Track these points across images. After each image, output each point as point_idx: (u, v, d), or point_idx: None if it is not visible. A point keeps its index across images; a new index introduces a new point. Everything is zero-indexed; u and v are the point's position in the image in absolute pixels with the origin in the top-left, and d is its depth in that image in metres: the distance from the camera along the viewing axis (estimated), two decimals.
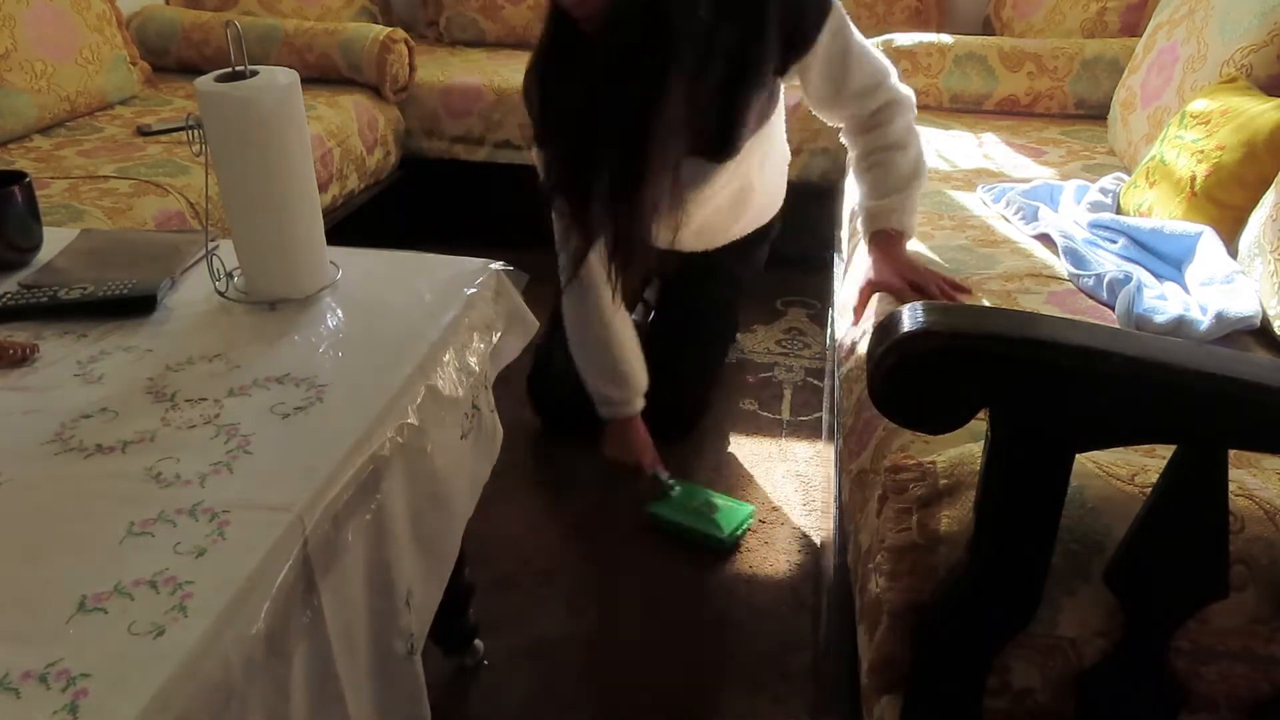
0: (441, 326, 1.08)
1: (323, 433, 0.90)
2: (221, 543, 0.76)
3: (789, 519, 1.88)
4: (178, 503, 0.80)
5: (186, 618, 0.68)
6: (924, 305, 0.69)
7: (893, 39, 2.66)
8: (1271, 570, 0.81)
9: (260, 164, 1.09)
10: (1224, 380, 0.66)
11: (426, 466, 0.99)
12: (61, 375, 1.00)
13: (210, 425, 0.91)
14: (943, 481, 0.89)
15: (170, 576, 0.72)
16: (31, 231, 1.27)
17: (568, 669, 1.53)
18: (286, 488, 0.81)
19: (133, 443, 0.88)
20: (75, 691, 0.62)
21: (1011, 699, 0.85)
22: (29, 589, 0.71)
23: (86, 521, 0.78)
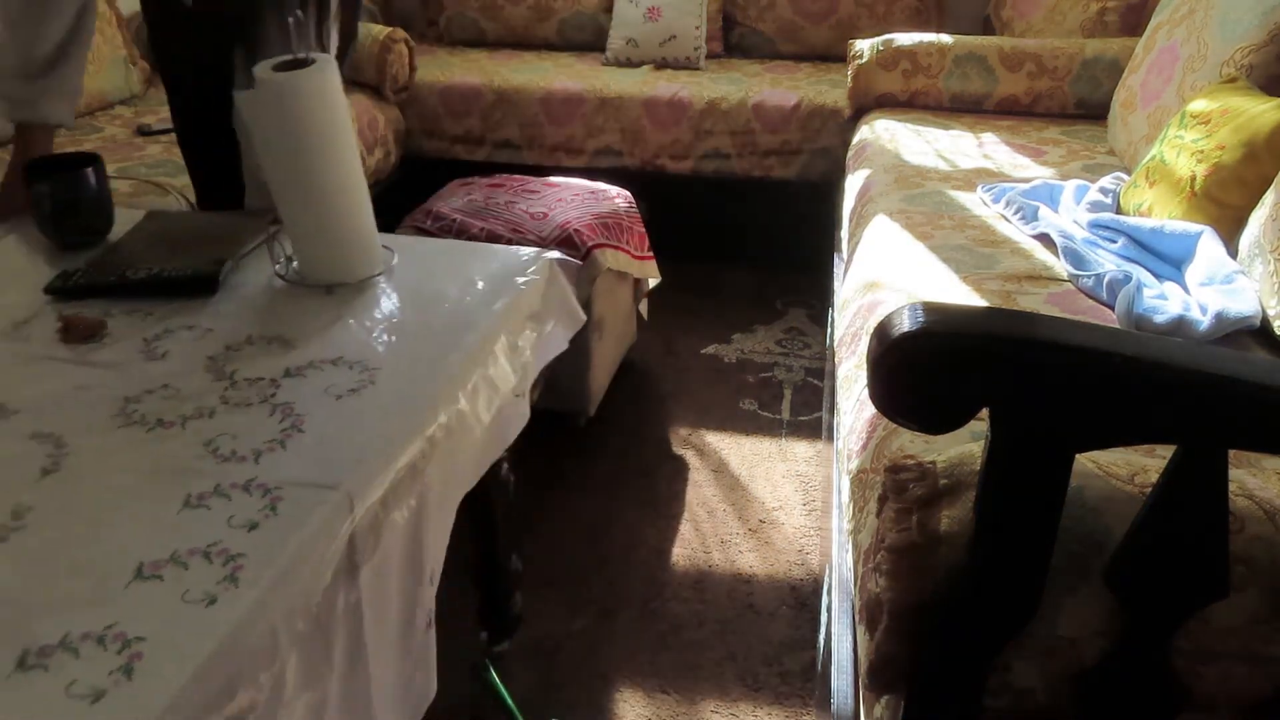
0: (494, 314, 1.10)
1: (374, 415, 0.92)
2: (273, 518, 0.79)
3: (789, 519, 1.88)
4: (233, 478, 0.83)
5: (237, 588, 0.71)
6: (924, 305, 0.69)
7: (893, 39, 2.66)
8: (1271, 570, 0.81)
9: (316, 147, 1.11)
10: (1224, 380, 0.66)
11: (468, 452, 1.02)
12: (127, 351, 1.03)
13: (266, 404, 0.94)
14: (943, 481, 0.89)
15: (223, 548, 0.75)
16: (103, 212, 1.30)
17: (568, 669, 1.53)
18: (338, 468, 0.84)
19: (192, 418, 0.92)
20: (130, 654, 0.66)
21: (1011, 699, 0.85)
22: (90, 556, 0.74)
23: (146, 493, 0.82)
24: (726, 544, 1.81)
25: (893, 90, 2.65)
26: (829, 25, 3.21)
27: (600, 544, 1.81)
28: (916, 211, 1.87)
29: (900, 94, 2.65)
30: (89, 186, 1.27)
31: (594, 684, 1.51)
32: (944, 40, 2.65)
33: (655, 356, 2.44)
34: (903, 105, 2.66)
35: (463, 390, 1.00)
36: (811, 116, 2.79)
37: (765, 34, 3.28)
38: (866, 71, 2.65)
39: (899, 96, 2.65)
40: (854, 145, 2.52)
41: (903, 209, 1.89)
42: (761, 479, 1.99)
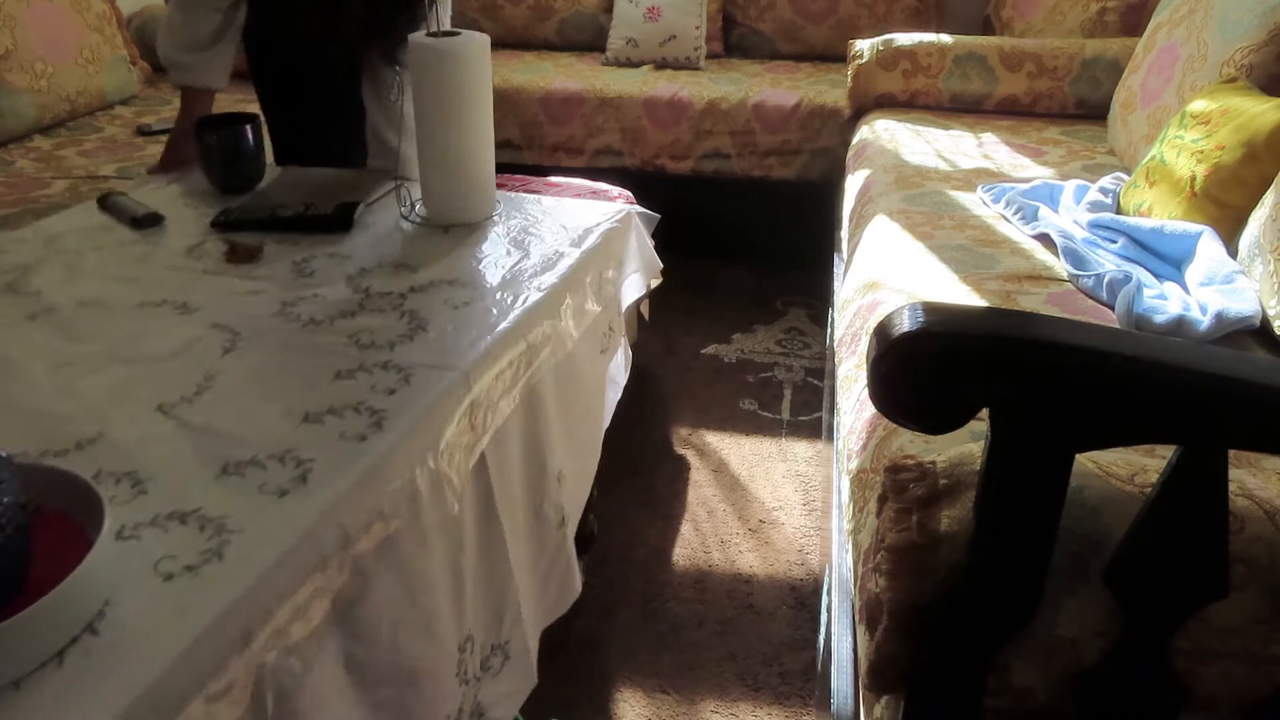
0: (582, 253, 1.33)
1: (484, 321, 1.13)
2: (406, 387, 0.99)
3: (789, 519, 1.88)
4: (372, 360, 1.05)
5: (381, 431, 0.92)
6: (924, 305, 0.69)
7: (893, 39, 2.67)
8: (1271, 570, 0.81)
9: (454, 107, 1.35)
10: (1224, 380, 0.66)
11: (571, 367, 1.21)
12: (282, 270, 1.28)
13: (396, 310, 1.16)
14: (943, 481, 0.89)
15: (369, 406, 0.96)
16: (257, 163, 1.56)
17: (568, 669, 1.53)
18: (455, 355, 1.06)
19: (337, 318, 1.15)
20: (304, 469, 0.86)
21: (1011, 699, 0.85)
22: (267, 406, 0.96)
23: (306, 368, 1.04)
24: (726, 544, 1.81)
25: (893, 90, 2.65)
26: (829, 25, 3.22)
27: (600, 544, 1.81)
28: (916, 211, 1.87)
29: (900, 94, 2.65)
30: (248, 141, 1.53)
31: (594, 684, 1.51)
32: (944, 40, 2.65)
33: (655, 356, 2.44)
34: (903, 105, 2.66)
35: (557, 310, 1.22)
36: (811, 116, 2.79)
37: (765, 34, 3.28)
38: (866, 71, 2.66)
39: (899, 96, 2.66)
40: (854, 145, 2.52)
41: (903, 209, 1.89)
42: (761, 479, 1.99)
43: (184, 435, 0.91)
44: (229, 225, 1.41)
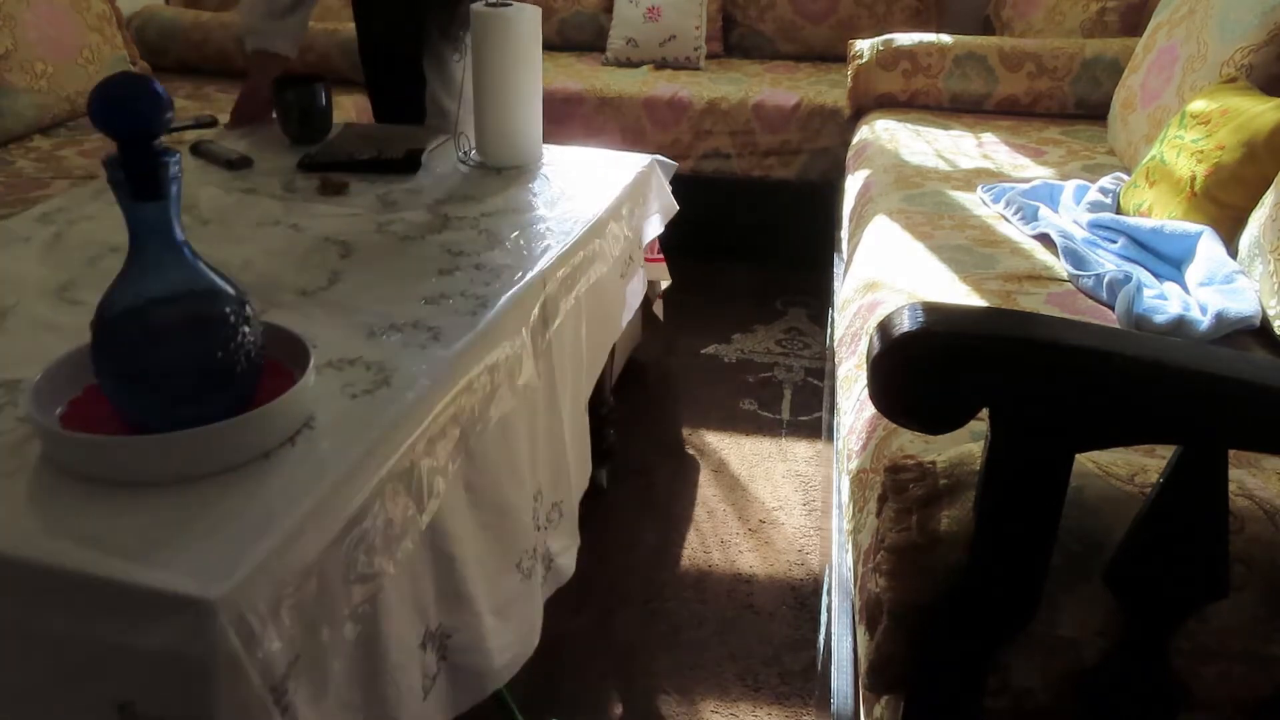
0: (614, 190, 1.58)
1: (545, 240, 1.39)
2: (496, 281, 1.23)
3: (789, 519, 1.88)
4: (465, 263, 1.29)
5: (486, 310, 1.16)
6: (924, 305, 0.69)
7: (893, 39, 2.67)
8: (1271, 570, 0.81)
9: (511, 64, 1.61)
10: (1224, 380, 0.66)
11: (600, 281, 1.47)
12: (368, 201, 1.52)
13: (474, 229, 1.42)
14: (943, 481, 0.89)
15: (471, 293, 1.20)
16: (327, 117, 1.78)
17: (568, 669, 1.53)
18: (530, 260, 1.30)
19: (428, 234, 1.39)
20: (432, 333, 1.09)
21: (1011, 699, 0.85)
22: (390, 292, 1.20)
23: (413, 268, 1.27)
24: (726, 544, 1.81)
25: (893, 90, 2.65)
26: (829, 25, 3.22)
27: (600, 543, 1.81)
28: (916, 211, 1.87)
29: (900, 94, 2.65)
30: (320, 98, 1.76)
31: (594, 684, 1.51)
32: (944, 40, 2.65)
33: (655, 356, 2.44)
34: (903, 105, 2.66)
35: (602, 232, 1.48)
36: (811, 116, 2.79)
37: (765, 34, 3.28)
38: (866, 71, 2.66)
39: (899, 96, 2.66)
40: (854, 145, 2.52)
41: (903, 209, 1.89)
42: (761, 479, 1.99)
43: (329, 312, 1.14)
44: (314, 166, 1.64)
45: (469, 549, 1.04)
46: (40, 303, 1.14)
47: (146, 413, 0.86)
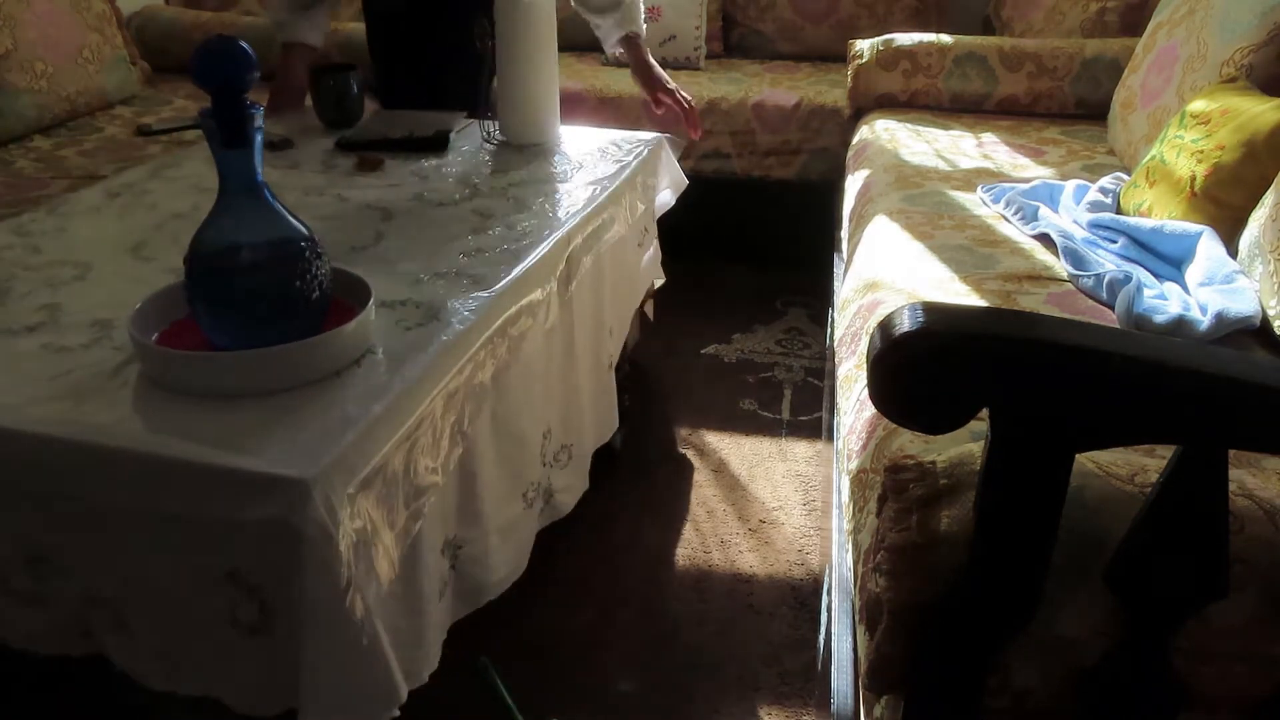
0: (634, 161, 1.72)
1: (568, 205, 1.53)
2: (526, 238, 1.37)
3: (789, 519, 1.88)
4: (497, 225, 1.43)
5: (518, 261, 1.29)
6: (924, 305, 0.69)
7: (893, 39, 2.67)
8: (1271, 570, 0.81)
9: (533, 47, 1.74)
10: (1224, 380, 0.66)
11: (621, 250, 1.60)
12: (403, 175, 1.66)
13: (503, 197, 1.55)
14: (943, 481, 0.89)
15: (505, 249, 1.34)
16: (359, 104, 1.93)
17: (567, 668, 1.53)
18: (557, 223, 1.44)
19: (460, 202, 1.53)
20: (473, 279, 1.24)
21: (1011, 699, 0.85)
22: (431, 249, 1.34)
23: (452, 228, 1.42)
24: (726, 544, 1.81)
25: (893, 90, 2.65)
26: (829, 25, 3.21)
27: (600, 543, 1.81)
28: (916, 211, 1.87)
29: (900, 94, 2.65)
30: (353, 86, 1.90)
31: (594, 684, 1.51)
32: (944, 40, 2.65)
33: (655, 356, 2.44)
34: (903, 105, 2.66)
35: (620, 200, 1.61)
36: (811, 116, 2.79)
37: (765, 34, 3.28)
38: (866, 71, 2.66)
39: (899, 96, 2.65)
40: (854, 145, 2.52)
41: (903, 209, 1.89)
42: (761, 479, 1.99)
43: (378, 264, 1.25)
44: (350, 146, 1.78)
45: (488, 471, 1.17)
46: (117, 259, 1.29)
47: (232, 335, 0.99)
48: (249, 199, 0.98)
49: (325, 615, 0.88)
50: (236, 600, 0.92)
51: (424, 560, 1.04)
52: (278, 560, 0.88)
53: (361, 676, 0.93)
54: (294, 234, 0.99)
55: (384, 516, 0.95)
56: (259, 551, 0.89)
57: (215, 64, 0.92)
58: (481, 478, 1.15)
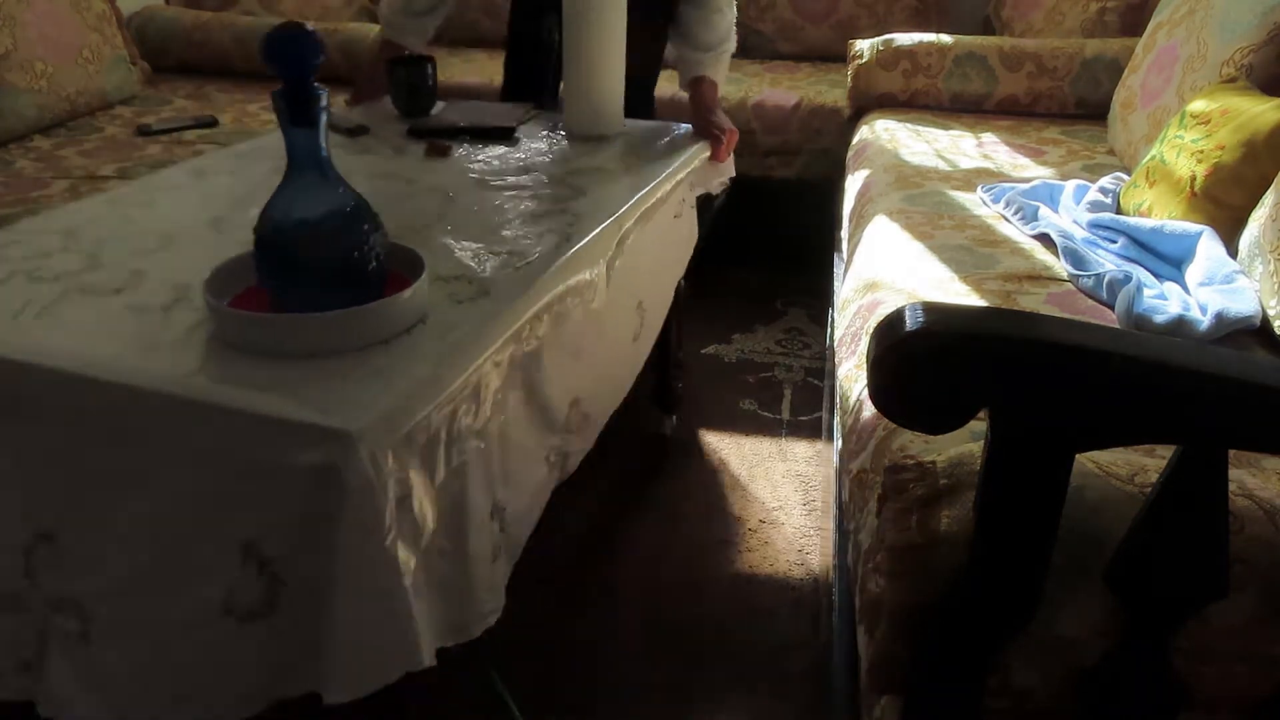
0: (678, 157, 1.80)
1: (618, 194, 1.58)
2: (580, 224, 1.43)
3: (789, 519, 1.88)
4: (556, 208, 1.49)
5: (570, 243, 1.35)
6: (924, 305, 0.69)
7: (893, 39, 2.67)
8: (1271, 570, 0.81)
9: (598, 42, 1.80)
10: (1224, 380, 0.66)
11: (660, 222, 1.70)
12: (470, 162, 1.72)
13: (563, 184, 1.61)
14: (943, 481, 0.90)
15: (561, 231, 1.39)
16: (433, 94, 2.01)
17: (567, 669, 1.53)
18: (614, 207, 1.51)
19: (522, 188, 1.59)
20: (523, 260, 1.28)
21: (1011, 699, 0.85)
22: (490, 227, 1.40)
23: (509, 210, 1.48)
24: (726, 544, 1.81)
25: (893, 90, 2.65)
26: (829, 25, 3.22)
27: (600, 543, 1.81)
28: (916, 211, 1.87)
29: (900, 94, 2.65)
30: (428, 77, 1.98)
31: (594, 684, 1.51)
32: (944, 40, 2.65)
33: (654, 356, 2.44)
34: (903, 105, 2.66)
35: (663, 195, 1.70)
36: (811, 116, 2.79)
37: (765, 34, 3.28)
38: (866, 71, 2.66)
39: (899, 96, 2.66)
40: (854, 145, 2.52)
41: (903, 209, 1.89)
42: (761, 479, 1.99)
43: (436, 240, 1.32)
44: (421, 134, 1.86)
45: (521, 436, 1.25)
46: (197, 231, 1.38)
47: (296, 300, 1.07)
48: (314, 174, 1.06)
49: (362, 566, 0.92)
50: (239, 582, 0.95)
51: (473, 523, 1.11)
52: (314, 515, 0.92)
53: (388, 632, 0.96)
54: (354, 208, 1.09)
55: (425, 474, 1.00)
56: (292, 510, 0.93)
57: (286, 48, 0.99)
58: (515, 441, 1.22)
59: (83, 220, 1.40)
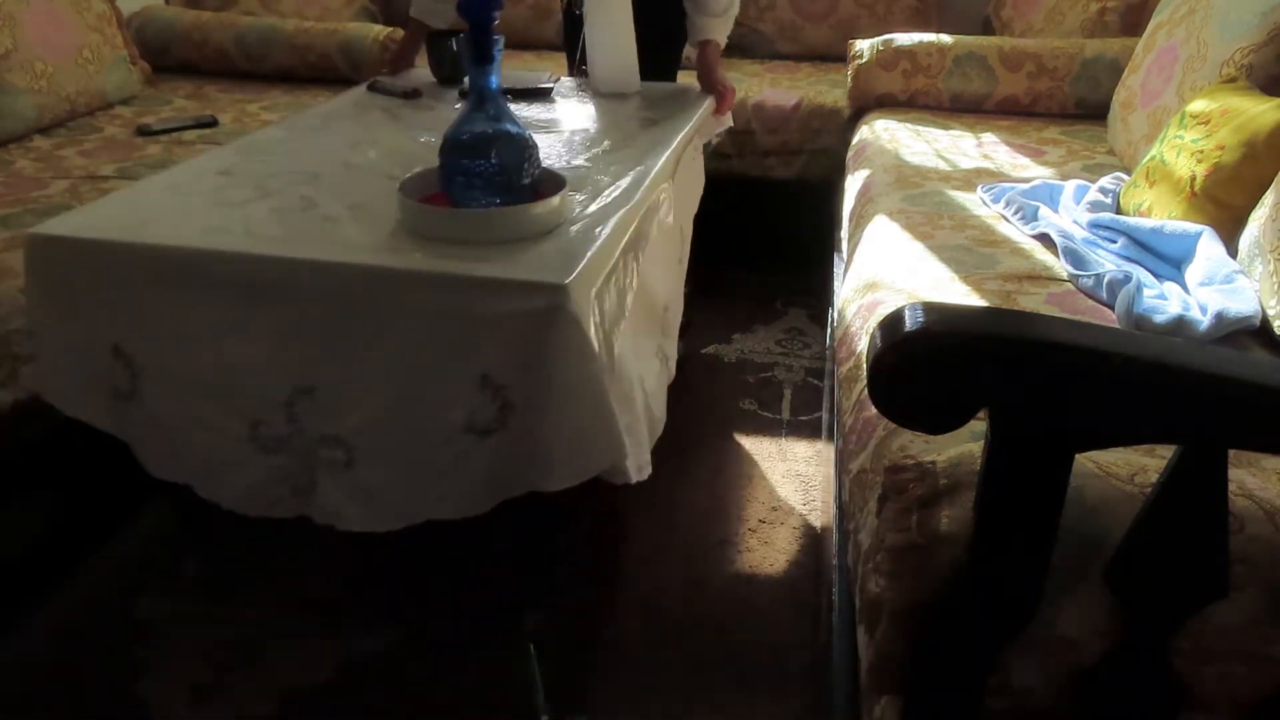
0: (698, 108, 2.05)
1: (661, 131, 1.87)
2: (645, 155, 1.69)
3: (789, 519, 1.88)
4: (608, 148, 1.74)
5: (650, 166, 1.63)
6: (924, 305, 0.69)
7: (893, 39, 2.66)
8: (1271, 570, 0.81)
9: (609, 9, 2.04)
10: (1224, 380, 0.66)
11: (685, 160, 1.86)
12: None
13: (611, 127, 1.91)
14: (943, 481, 0.90)
15: (634, 156, 1.68)
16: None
17: (567, 668, 1.53)
18: (646, 158, 1.68)
19: (566, 131, 1.85)
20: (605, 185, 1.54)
21: (1011, 699, 0.85)
22: (572, 157, 1.68)
23: (566, 148, 1.73)
24: (726, 544, 1.81)
25: (893, 90, 2.65)
26: (829, 25, 3.21)
27: (599, 544, 1.81)
28: (916, 211, 1.87)
29: (900, 94, 2.65)
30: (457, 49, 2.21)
31: (592, 684, 1.51)
32: (944, 40, 2.65)
33: None
34: (903, 105, 2.66)
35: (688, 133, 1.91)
36: (811, 116, 2.79)
37: (765, 34, 3.28)
38: (866, 71, 2.66)
39: (899, 96, 2.66)
40: (854, 145, 2.52)
41: (903, 209, 1.89)
42: (761, 479, 1.99)
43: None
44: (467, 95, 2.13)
45: (640, 327, 1.46)
46: (335, 169, 1.62)
47: (474, 200, 1.36)
48: (489, 102, 1.36)
49: (576, 383, 1.21)
50: (476, 405, 1.23)
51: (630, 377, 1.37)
52: (538, 349, 1.20)
53: (598, 437, 1.25)
54: (518, 131, 1.38)
55: (607, 317, 1.29)
56: (515, 348, 1.21)
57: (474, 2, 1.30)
58: (640, 330, 1.46)
59: (223, 166, 1.63)
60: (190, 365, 1.32)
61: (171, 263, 1.30)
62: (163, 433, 1.37)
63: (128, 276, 1.31)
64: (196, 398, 1.33)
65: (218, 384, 1.32)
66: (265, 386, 1.30)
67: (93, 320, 1.35)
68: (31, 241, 1.35)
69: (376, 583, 1.69)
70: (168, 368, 1.34)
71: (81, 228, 1.36)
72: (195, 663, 1.51)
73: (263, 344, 1.29)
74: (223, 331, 1.30)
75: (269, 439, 1.32)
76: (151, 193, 1.51)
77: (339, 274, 1.25)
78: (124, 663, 1.51)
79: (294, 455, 1.31)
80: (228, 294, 1.29)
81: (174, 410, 1.34)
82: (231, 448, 1.33)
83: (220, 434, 1.33)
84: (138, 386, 1.35)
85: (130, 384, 1.35)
